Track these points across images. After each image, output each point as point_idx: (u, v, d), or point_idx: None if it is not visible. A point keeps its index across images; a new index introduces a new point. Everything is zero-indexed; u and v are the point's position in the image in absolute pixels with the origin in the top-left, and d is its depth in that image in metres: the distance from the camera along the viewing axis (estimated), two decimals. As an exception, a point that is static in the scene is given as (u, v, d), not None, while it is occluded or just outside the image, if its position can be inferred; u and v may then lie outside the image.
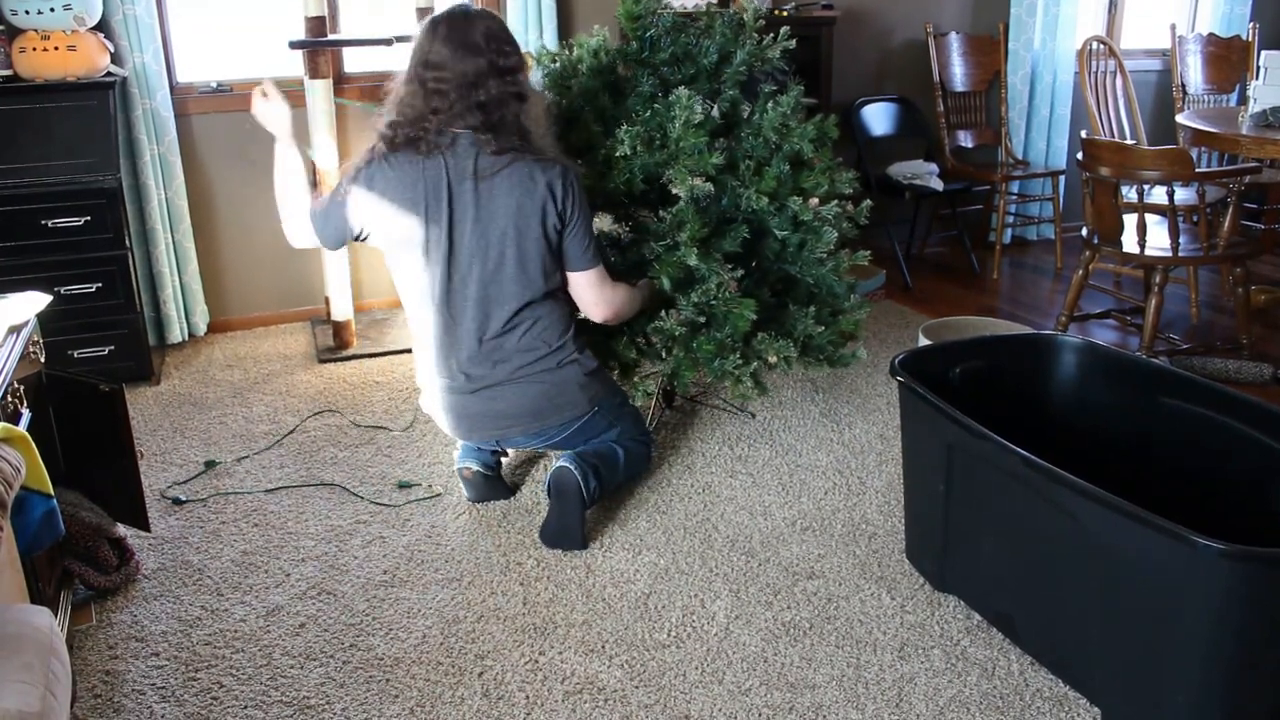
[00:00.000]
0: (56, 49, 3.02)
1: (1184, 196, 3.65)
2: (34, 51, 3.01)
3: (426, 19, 2.23)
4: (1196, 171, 2.98)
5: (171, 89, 3.45)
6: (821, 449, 2.76)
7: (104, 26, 3.22)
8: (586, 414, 2.36)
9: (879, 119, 4.48)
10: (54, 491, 1.68)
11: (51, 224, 2.98)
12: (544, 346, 2.29)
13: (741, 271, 2.62)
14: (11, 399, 1.77)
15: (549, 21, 3.75)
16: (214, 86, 3.57)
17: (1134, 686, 1.67)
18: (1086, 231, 3.31)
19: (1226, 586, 1.49)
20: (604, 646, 1.95)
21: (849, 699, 1.81)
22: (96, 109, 3.08)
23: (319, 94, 3.28)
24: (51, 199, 2.98)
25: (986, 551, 1.95)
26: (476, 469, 2.47)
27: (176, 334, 3.55)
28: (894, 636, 1.97)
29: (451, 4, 2.46)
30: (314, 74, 3.26)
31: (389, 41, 3.35)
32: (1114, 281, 4.21)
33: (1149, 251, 3.11)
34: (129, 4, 3.24)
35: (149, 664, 1.91)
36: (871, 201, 2.77)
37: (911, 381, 2.01)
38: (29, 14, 3.00)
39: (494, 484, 2.50)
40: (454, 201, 2.20)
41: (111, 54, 3.20)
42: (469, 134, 2.20)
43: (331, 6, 3.55)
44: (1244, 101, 4.09)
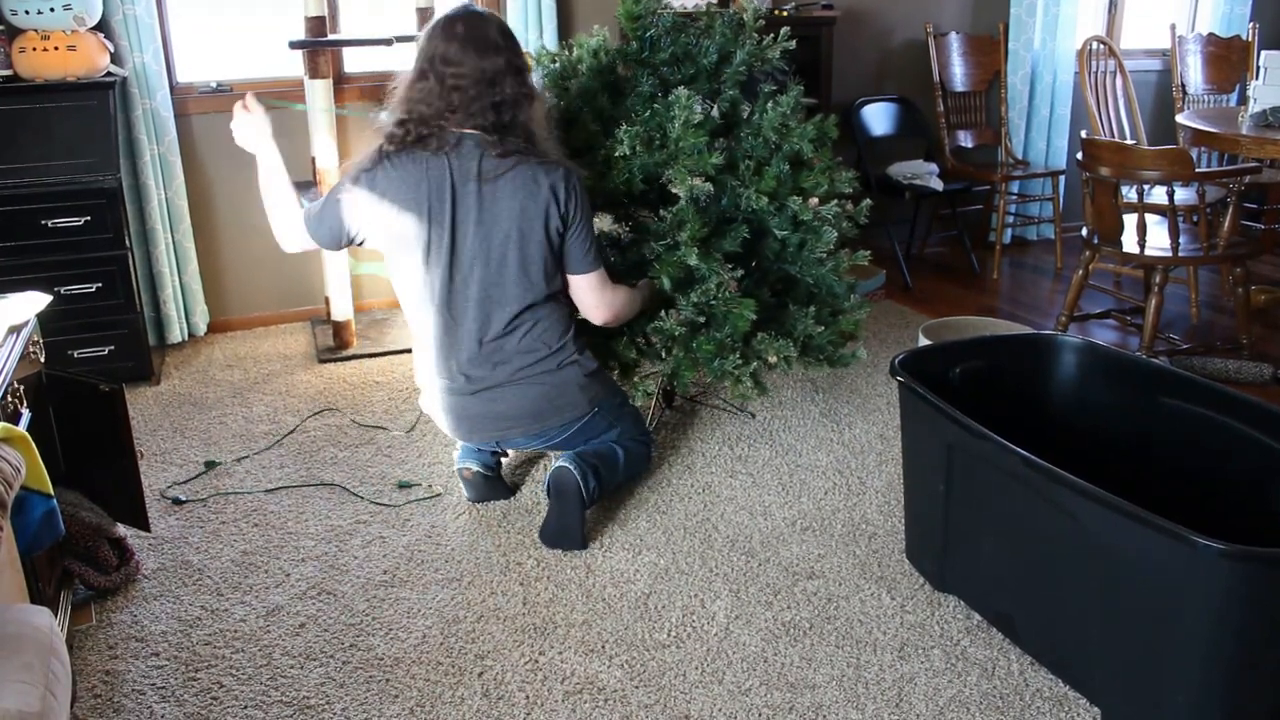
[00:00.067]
0: (56, 49, 3.02)
1: (1184, 196, 3.65)
2: (34, 51, 3.01)
3: (439, 17, 2.22)
4: (1196, 171, 2.98)
5: (171, 89, 3.45)
6: (821, 449, 2.76)
7: (104, 26, 3.22)
8: (586, 415, 2.36)
9: (879, 119, 4.48)
10: (54, 491, 1.68)
11: (51, 224, 2.99)
12: (544, 348, 2.29)
13: (741, 271, 2.62)
14: (11, 399, 1.77)
15: (549, 21, 3.75)
16: (214, 86, 3.57)
17: (1134, 686, 1.67)
18: (1086, 231, 3.31)
19: (1226, 586, 1.49)
20: (604, 646, 1.95)
21: (849, 699, 1.81)
22: (96, 109, 3.08)
23: (319, 94, 3.28)
24: (51, 199, 2.98)
25: (986, 551, 1.95)
26: (477, 469, 2.47)
27: (176, 334, 3.55)
28: (894, 636, 1.97)
29: (451, 4, 2.45)
30: (314, 74, 3.27)
31: (389, 41, 3.35)
32: (1114, 281, 4.21)
33: (1149, 251, 3.11)
34: (129, 4, 3.24)
35: (149, 664, 1.91)
36: (871, 201, 2.77)
37: (911, 381, 2.01)
38: (29, 14, 3.00)
39: (494, 484, 2.50)
40: (457, 203, 2.19)
41: (111, 54, 3.20)
42: (475, 135, 2.19)
43: (331, 6, 3.55)
44: (1244, 101, 4.09)
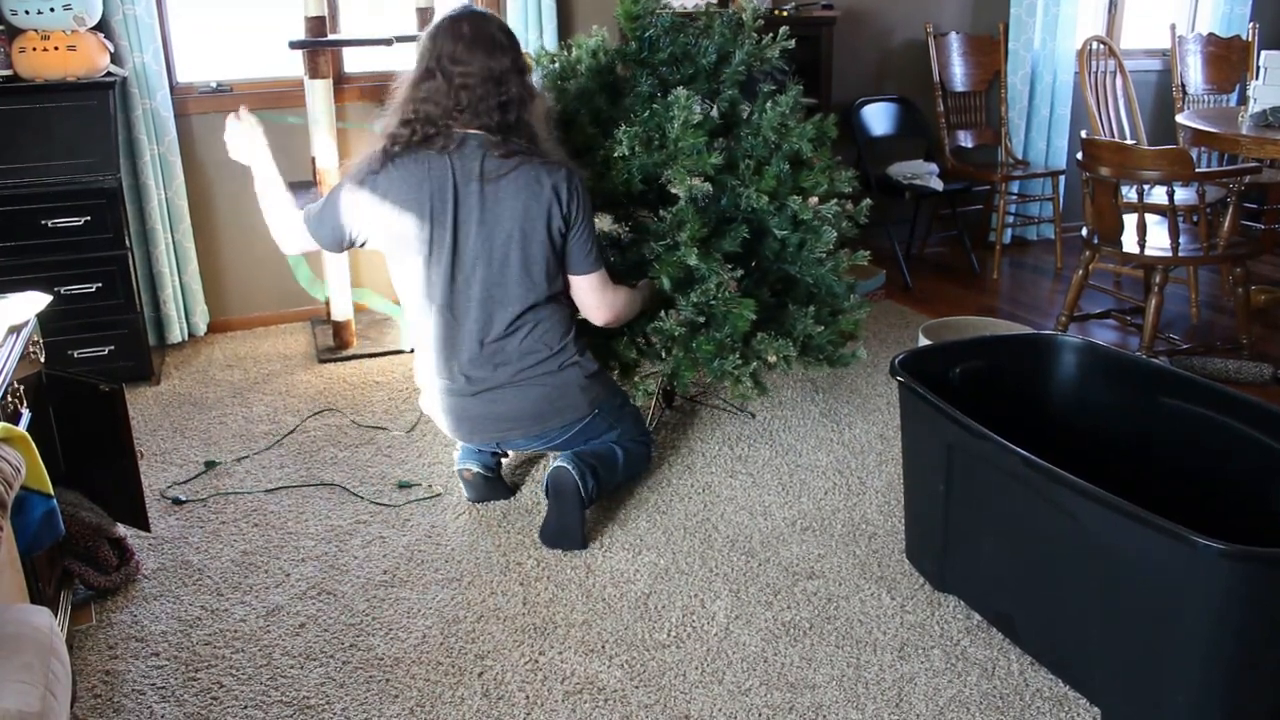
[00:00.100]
0: (56, 49, 3.02)
1: (1184, 196, 3.65)
2: (34, 51, 3.01)
3: (442, 17, 2.22)
4: (1196, 171, 2.98)
5: (171, 89, 3.45)
6: (821, 449, 2.76)
7: (104, 26, 3.22)
8: (587, 417, 2.36)
9: (879, 119, 4.48)
10: (54, 491, 1.68)
11: (51, 224, 2.98)
12: (545, 349, 2.29)
13: (741, 271, 2.62)
14: (11, 399, 1.77)
15: (549, 22, 3.75)
16: (214, 86, 3.57)
17: (1134, 686, 1.67)
18: (1086, 231, 3.31)
19: (1226, 586, 1.49)
20: (604, 646, 1.95)
21: (849, 699, 1.81)
22: (96, 109, 3.08)
23: (319, 94, 3.28)
24: (51, 199, 2.98)
25: (986, 551, 1.95)
26: (477, 471, 2.47)
27: (176, 334, 3.55)
28: (894, 636, 1.97)
29: (452, 4, 2.45)
30: (314, 74, 3.26)
31: (389, 41, 3.35)
32: (1114, 281, 4.21)
33: (1149, 251, 3.11)
34: (129, 4, 3.24)
35: (149, 664, 1.91)
36: (871, 201, 2.77)
37: (911, 381, 2.01)
38: (29, 14, 3.00)
39: (494, 485, 2.50)
40: (459, 203, 2.19)
41: (111, 54, 3.20)
42: (479, 135, 2.19)
43: (331, 6, 3.55)
44: (1244, 101, 4.09)
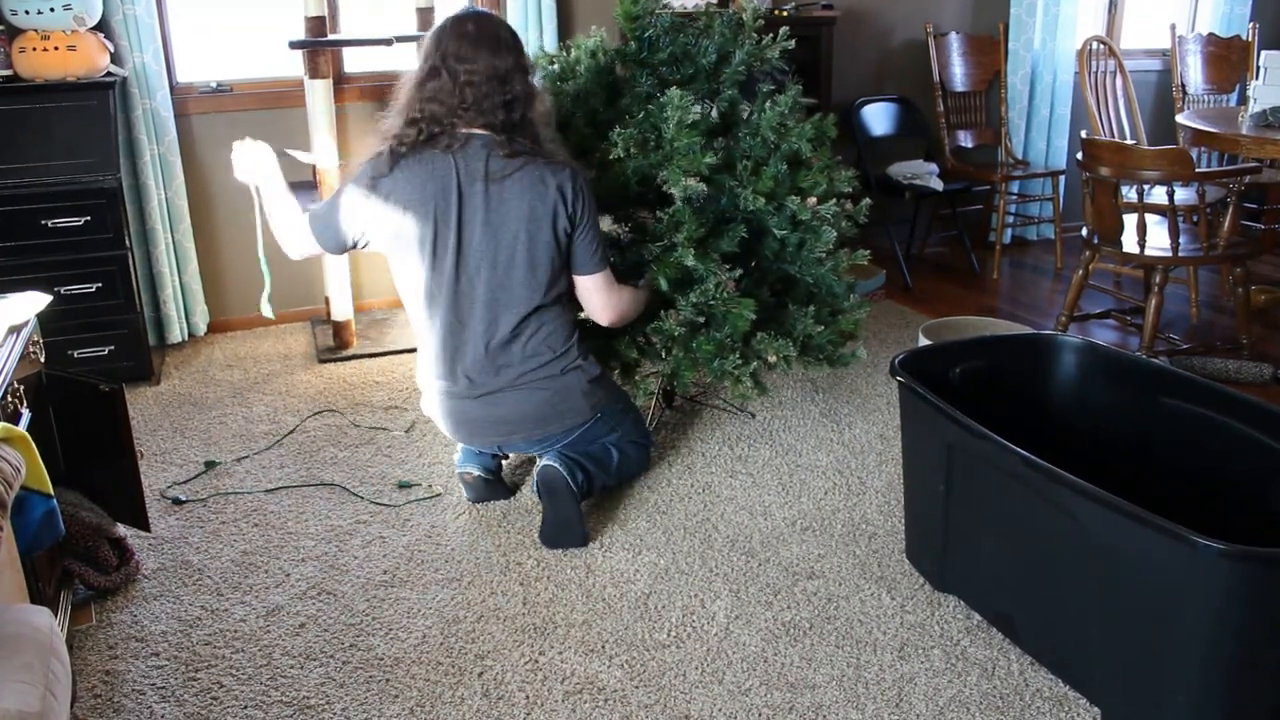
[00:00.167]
0: (56, 49, 3.02)
1: (1184, 196, 3.65)
2: (34, 51, 3.01)
3: (446, 17, 2.23)
4: (1196, 171, 2.98)
5: (171, 89, 3.45)
6: (821, 449, 2.76)
7: (104, 26, 3.22)
8: (589, 421, 2.36)
9: (879, 119, 4.48)
10: (54, 491, 1.68)
11: (51, 224, 2.98)
12: (548, 352, 2.29)
13: (740, 271, 2.61)
14: (11, 399, 1.77)
15: (549, 22, 3.74)
16: (214, 86, 3.57)
17: (1134, 686, 1.67)
18: (1086, 231, 3.31)
19: (1226, 586, 1.49)
20: (604, 646, 1.95)
21: (849, 699, 1.81)
22: (96, 109, 3.08)
23: (319, 94, 3.28)
24: (51, 199, 2.98)
25: (986, 551, 1.95)
26: (478, 474, 2.47)
27: (176, 334, 3.55)
28: (894, 636, 1.97)
29: (452, 3, 2.45)
30: (314, 74, 3.26)
31: (389, 41, 3.35)
32: (1114, 281, 4.21)
33: (1149, 251, 3.11)
34: (129, 4, 3.24)
35: (149, 664, 1.91)
36: (871, 201, 2.77)
37: (911, 381, 2.01)
38: (29, 14, 3.00)
39: (495, 486, 2.49)
40: (464, 203, 2.19)
41: (111, 54, 3.20)
42: (483, 135, 2.19)
43: (331, 6, 3.55)
44: (1244, 101, 4.09)
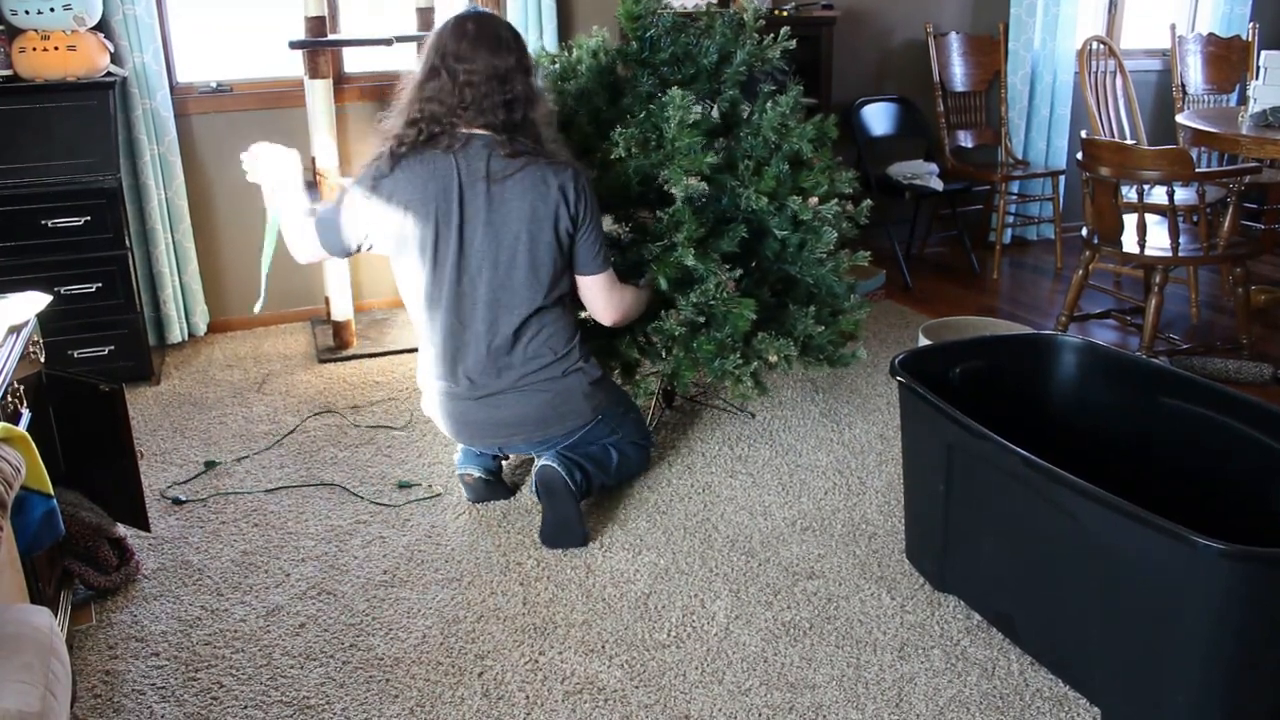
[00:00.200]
0: (56, 49, 3.02)
1: (1184, 196, 3.65)
2: (34, 51, 3.01)
3: (448, 17, 2.23)
4: (1196, 171, 2.98)
5: (171, 89, 3.45)
6: (821, 449, 2.76)
7: (104, 26, 3.22)
8: (590, 423, 2.36)
9: (879, 119, 4.48)
10: (54, 491, 1.68)
11: (51, 224, 2.99)
12: (550, 354, 2.28)
13: (740, 271, 2.61)
14: (11, 399, 1.77)
15: (549, 22, 3.74)
16: (214, 86, 3.57)
17: (1134, 686, 1.67)
18: (1086, 231, 3.31)
19: (1226, 586, 1.49)
20: (604, 646, 1.95)
21: (849, 699, 1.81)
22: (96, 109, 3.08)
23: (319, 94, 3.28)
24: (51, 199, 2.98)
25: (986, 551, 1.95)
26: (478, 475, 2.47)
27: (176, 334, 3.55)
28: (894, 636, 1.97)
29: (453, 3, 2.45)
30: (314, 74, 3.26)
31: (389, 41, 3.35)
32: (1114, 281, 4.21)
33: (1149, 251, 3.11)
34: (129, 4, 3.24)
35: (149, 664, 1.91)
36: (871, 201, 2.77)
37: (911, 381, 2.01)
38: (29, 14, 3.00)
39: (495, 487, 2.49)
40: (465, 203, 2.19)
41: (111, 54, 3.20)
42: (484, 135, 2.19)
43: (331, 6, 3.55)
44: (1244, 101, 4.09)
